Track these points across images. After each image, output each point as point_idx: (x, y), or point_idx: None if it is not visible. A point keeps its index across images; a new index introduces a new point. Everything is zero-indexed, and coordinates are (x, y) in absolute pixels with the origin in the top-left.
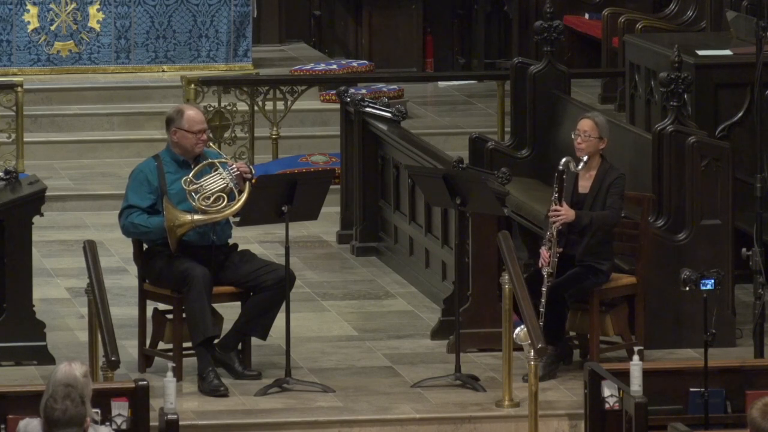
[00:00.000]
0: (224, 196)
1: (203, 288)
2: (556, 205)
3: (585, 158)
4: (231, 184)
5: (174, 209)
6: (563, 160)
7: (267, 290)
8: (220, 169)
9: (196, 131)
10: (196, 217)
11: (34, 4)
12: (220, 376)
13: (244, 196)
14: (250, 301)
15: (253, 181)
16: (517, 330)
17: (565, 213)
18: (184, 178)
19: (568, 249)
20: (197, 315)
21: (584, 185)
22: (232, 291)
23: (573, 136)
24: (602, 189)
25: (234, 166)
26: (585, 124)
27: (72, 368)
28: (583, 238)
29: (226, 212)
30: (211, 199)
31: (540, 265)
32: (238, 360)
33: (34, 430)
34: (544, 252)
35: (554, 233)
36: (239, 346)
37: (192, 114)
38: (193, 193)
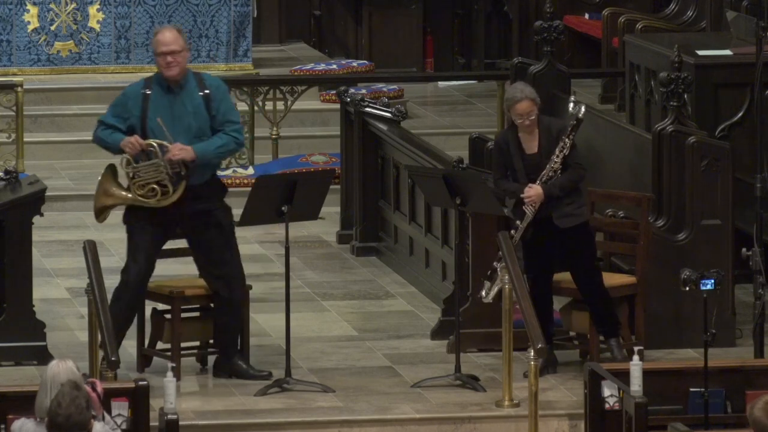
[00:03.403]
0: (157, 188)
1: (133, 296)
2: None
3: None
4: (166, 180)
5: (111, 181)
6: (575, 118)
7: (219, 307)
8: (159, 159)
9: (159, 53)
10: (129, 196)
11: (34, 4)
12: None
13: (178, 194)
14: (214, 316)
15: (185, 176)
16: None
17: (535, 193)
18: (122, 159)
19: (541, 212)
20: (114, 328)
21: (530, 146)
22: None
23: (516, 121)
24: (551, 139)
25: (172, 155)
26: (524, 107)
27: (70, 366)
28: (550, 201)
29: (156, 206)
30: (145, 189)
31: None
32: (245, 363)
33: (29, 431)
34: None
35: (532, 212)
36: (238, 347)
37: (159, 36)
38: (129, 175)
